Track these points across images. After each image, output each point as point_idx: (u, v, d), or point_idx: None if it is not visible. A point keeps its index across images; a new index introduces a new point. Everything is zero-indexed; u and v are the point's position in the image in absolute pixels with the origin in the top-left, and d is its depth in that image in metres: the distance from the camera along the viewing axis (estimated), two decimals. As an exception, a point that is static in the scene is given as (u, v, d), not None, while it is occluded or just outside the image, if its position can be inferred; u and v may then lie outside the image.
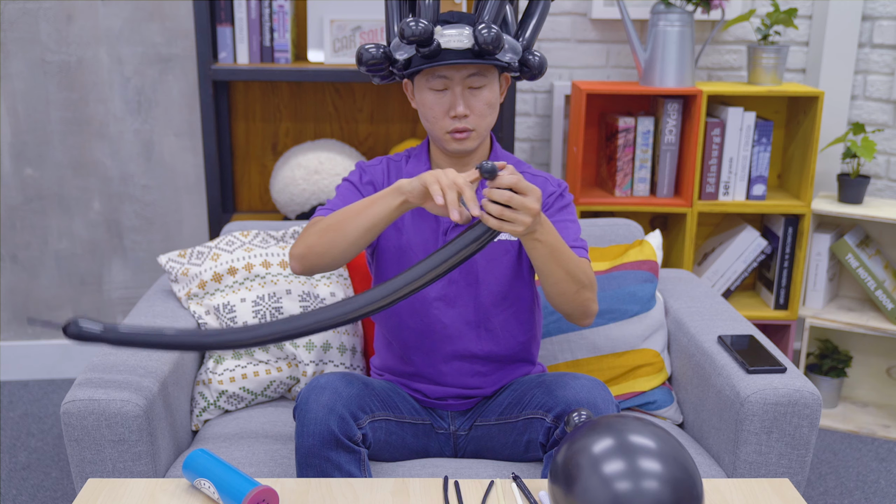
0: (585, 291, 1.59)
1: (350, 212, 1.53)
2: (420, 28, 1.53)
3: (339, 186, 1.74)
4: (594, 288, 1.62)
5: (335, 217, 1.55)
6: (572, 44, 2.91)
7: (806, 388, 1.68)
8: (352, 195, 1.71)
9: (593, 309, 1.64)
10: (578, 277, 1.57)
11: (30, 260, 2.95)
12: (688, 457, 1.19)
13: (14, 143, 2.85)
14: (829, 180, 2.97)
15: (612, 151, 2.79)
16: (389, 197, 1.50)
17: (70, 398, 1.59)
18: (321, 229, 1.55)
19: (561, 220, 1.71)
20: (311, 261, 1.57)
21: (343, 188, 1.73)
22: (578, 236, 1.70)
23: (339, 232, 1.53)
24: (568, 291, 1.58)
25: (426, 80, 1.62)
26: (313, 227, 1.59)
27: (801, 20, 2.90)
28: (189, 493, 1.38)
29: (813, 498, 2.40)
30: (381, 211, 1.50)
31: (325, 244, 1.54)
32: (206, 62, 2.52)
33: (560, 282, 1.56)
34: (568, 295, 1.58)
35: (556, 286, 1.57)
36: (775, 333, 2.92)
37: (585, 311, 1.63)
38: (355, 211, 1.52)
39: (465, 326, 1.72)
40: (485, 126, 1.65)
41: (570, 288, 1.57)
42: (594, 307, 1.64)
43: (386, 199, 1.50)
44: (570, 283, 1.57)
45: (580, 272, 1.58)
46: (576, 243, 1.68)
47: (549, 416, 1.61)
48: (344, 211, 1.55)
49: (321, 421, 1.52)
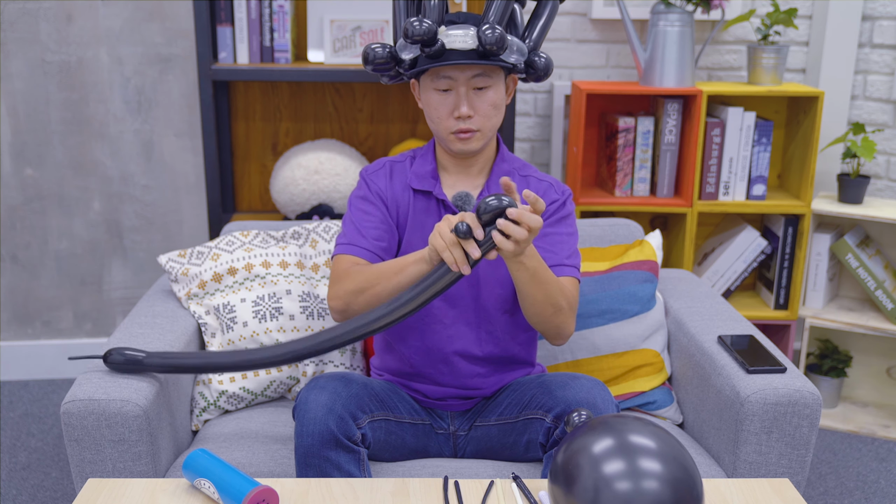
0: (561, 315, 1.61)
1: (382, 275, 1.59)
2: (424, 28, 1.53)
3: (351, 209, 1.75)
4: (573, 311, 1.63)
5: (367, 279, 1.61)
6: (572, 44, 2.91)
7: (806, 388, 1.68)
8: (365, 219, 1.72)
9: (568, 332, 1.65)
10: (557, 302, 1.58)
11: (30, 260, 2.95)
12: (688, 457, 1.19)
13: (14, 143, 2.85)
14: (829, 180, 2.97)
15: (612, 151, 2.79)
16: (418, 265, 1.55)
17: (70, 398, 1.59)
18: (355, 290, 1.62)
19: (557, 232, 1.70)
20: (349, 317, 1.66)
21: (355, 211, 1.74)
22: (573, 252, 1.70)
23: (374, 296, 1.60)
24: (544, 313, 1.60)
25: (431, 81, 1.63)
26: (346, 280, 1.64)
27: (801, 20, 2.90)
28: (189, 493, 1.38)
29: (813, 498, 2.40)
30: (411, 277, 1.56)
31: (361, 304, 1.62)
32: (206, 62, 2.52)
33: (537, 304, 1.58)
34: (543, 316, 1.61)
35: (533, 307, 1.60)
36: (775, 333, 2.92)
37: (559, 333, 1.65)
38: (387, 275, 1.58)
39: (466, 327, 1.72)
40: (490, 127, 1.65)
41: (547, 310, 1.59)
42: (569, 330, 1.65)
43: (417, 265, 1.55)
44: (547, 306, 1.58)
45: (560, 296, 1.59)
46: (568, 261, 1.68)
47: (548, 417, 1.61)
48: (375, 273, 1.60)
49: (320, 421, 1.52)
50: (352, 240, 1.71)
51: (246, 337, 1.91)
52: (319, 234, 2.04)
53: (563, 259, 1.68)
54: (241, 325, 1.92)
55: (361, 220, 1.72)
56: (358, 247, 1.70)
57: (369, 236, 1.70)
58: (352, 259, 1.68)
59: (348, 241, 1.71)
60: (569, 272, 1.67)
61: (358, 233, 1.71)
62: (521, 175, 1.76)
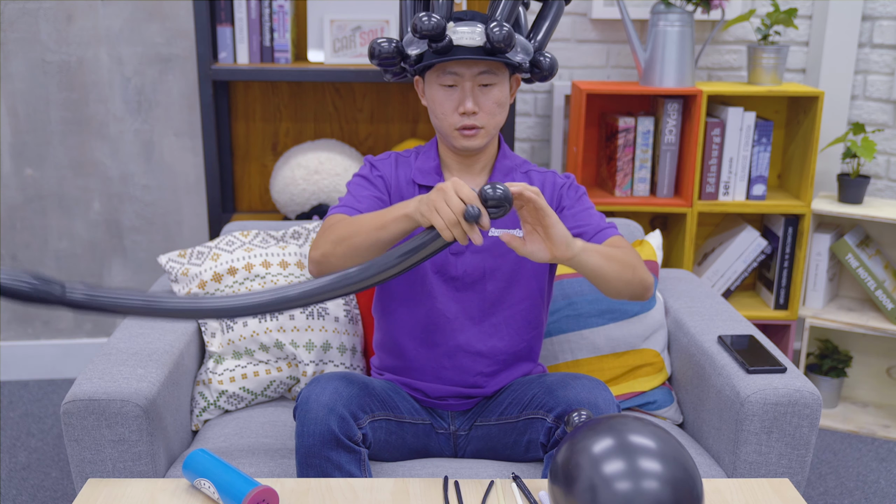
0: (639, 270, 1.60)
1: (363, 227, 1.51)
2: (433, 23, 1.54)
3: (351, 183, 1.74)
4: (641, 261, 1.62)
5: (348, 228, 1.53)
6: (572, 44, 2.91)
7: (806, 388, 1.68)
8: (364, 191, 1.71)
9: (650, 281, 1.63)
10: (630, 262, 1.57)
11: (30, 260, 2.95)
12: (688, 457, 1.19)
13: (14, 143, 2.85)
14: (829, 180, 2.97)
15: (612, 151, 2.79)
16: (401, 221, 1.48)
17: (70, 398, 1.59)
18: (336, 239, 1.54)
19: (582, 208, 1.72)
20: (326, 269, 1.58)
21: (354, 185, 1.73)
22: (602, 217, 1.71)
23: (352, 248, 1.52)
24: (626, 276, 1.57)
25: (437, 77, 1.63)
26: (329, 231, 1.57)
27: (801, 20, 2.90)
28: (189, 493, 1.38)
29: (813, 498, 2.40)
30: (392, 234, 1.49)
31: (339, 256, 1.54)
32: (206, 62, 2.52)
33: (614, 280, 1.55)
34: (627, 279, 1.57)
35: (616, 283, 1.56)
36: (775, 333, 2.92)
37: (644, 286, 1.62)
38: (367, 228, 1.51)
39: (469, 321, 1.72)
40: (493, 125, 1.66)
41: (626, 275, 1.57)
42: (650, 279, 1.62)
43: (398, 222, 1.48)
44: (626, 269, 1.56)
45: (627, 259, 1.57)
46: (605, 224, 1.69)
47: (549, 417, 1.61)
48: (357, 223, 1.53)
49: (321, 421, 1.52)
50: (347, 203, 1.68)
51: (246, 337, 1.91)
52: (319, 234, 2.04)
53: (602, 225, 1.68)
54: (240, 324, 1.92)
55: (358, 191, 1.70)
56: (351, 208, 1.66)
57: (364, 207, 1.67)
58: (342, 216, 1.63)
59: (343, 204, 1.68)
60: (611, 233, 1.67)
61: (353, 199, 1.68)
62: (522, 172, 1.77)
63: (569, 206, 1.72)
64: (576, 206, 1.72)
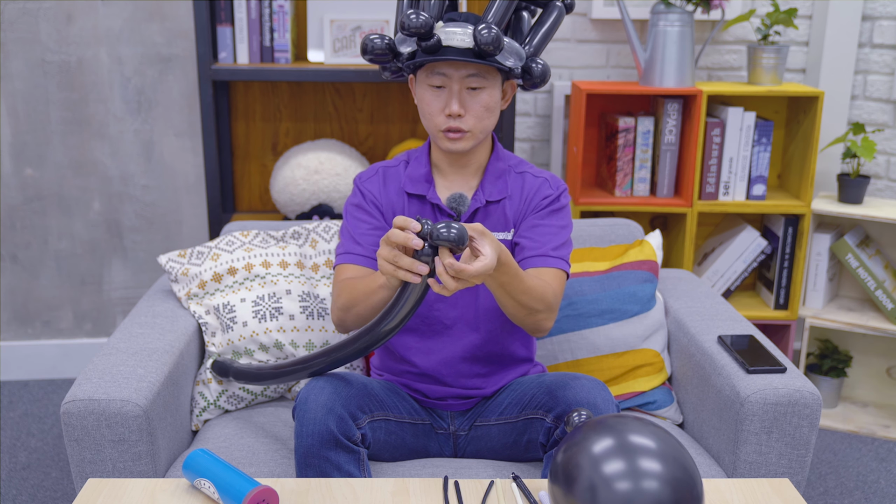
0: (538, 315, 1.61)
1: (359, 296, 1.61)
2: (420, 21, 1.52)
3: (347, 215, 1.77)
4: (551, 310, 1.62)
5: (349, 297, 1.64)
6: (572, 44, 2.91)
7: (806, 388, 1.68)
8: (361, 225, 1.74)
9: (544, 328, 1.65)
10: (530, 306, 1.58)
11: (30, 260, 2.95)
12: (688, 457, 1.19)
13: (14, 143, 2.85)
14: (829, 180, 2.97)
15: (612, 151, 2.79)
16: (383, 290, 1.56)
17: (70, 398, 1.59)
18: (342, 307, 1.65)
19: (547, 224, 1.69)
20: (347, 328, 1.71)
21: (351, 218, 1.75)
22: (562, 243, 1.68)
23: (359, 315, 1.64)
24: (517, 315, 1.60)
25: (426, 76, 1.62)
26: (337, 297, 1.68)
27: (801, 20, 2.90)
28: (189, 493, 1.38)
29: (813, 498, 2.40)
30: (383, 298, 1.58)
31: (352, 321, 1.67)
32: (206, 62, 2.52)
33: (509, 308, 1.59)
34: (518, 317, 1.61)
35: (506, 310, 1.60)
36: (775, 333, 2.92)
37: (536, 329, 1.65)
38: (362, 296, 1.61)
39: (466, 327, 1.72)
40: (481, 129, 1.64)
41: (520, 312, 1.59)
42: (545, 326, 1.65)
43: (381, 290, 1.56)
44: (520, 309, 1.59)
45: (533, 301, 1.57)
46: (554, 252, 1.67)
47: (549, 417, 1.61)
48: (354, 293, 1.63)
49: (320, 421, 1.52)
50: (347, 248, 1.73)
51: (245, 337, 1.91)
52: (319, 234, 2.04)
53: (549, 250, 1.66)
54: (240, 324, 1.92)
55: (355, 227, 1.74)
56: (353, 254, 1.72)
57: (364, 243, 1.72)
58: (348, 270, 1.71)
59: (344, 251, 1.73)
60: (553, 263, 1.66)
61: (353, 241, 1.72)
62: (517, 172, 1.75)
63: (539, 218, 1.70)
64: (543, 220, 1.70)
